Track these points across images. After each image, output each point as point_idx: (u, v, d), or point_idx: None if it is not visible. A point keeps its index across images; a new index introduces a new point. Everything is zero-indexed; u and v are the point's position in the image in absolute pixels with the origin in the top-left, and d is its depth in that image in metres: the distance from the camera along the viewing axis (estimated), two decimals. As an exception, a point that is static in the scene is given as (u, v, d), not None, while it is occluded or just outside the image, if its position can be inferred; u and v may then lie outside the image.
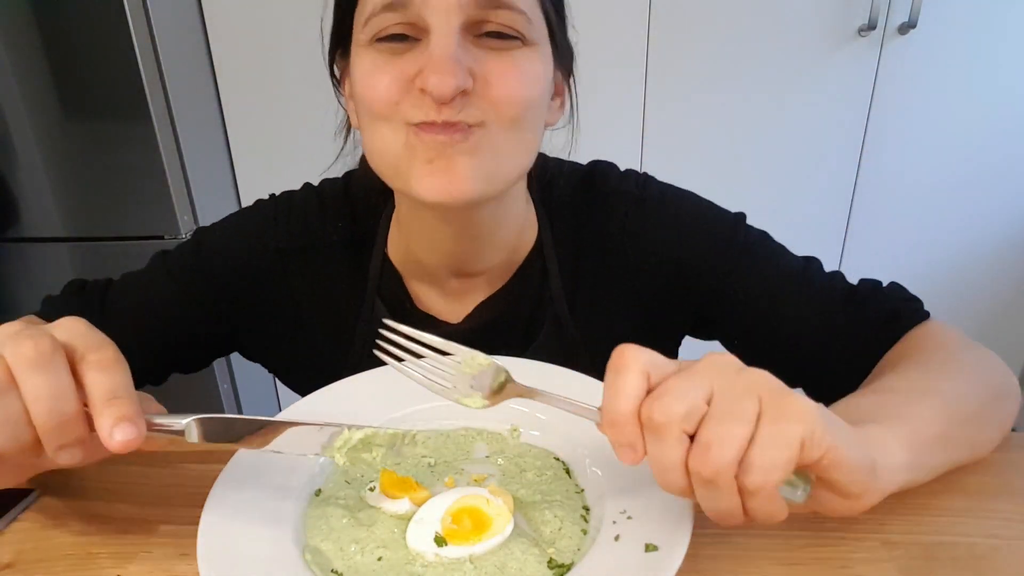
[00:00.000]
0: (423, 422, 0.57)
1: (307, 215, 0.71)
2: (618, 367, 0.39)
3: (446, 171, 0.54)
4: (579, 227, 0.70)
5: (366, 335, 0.71)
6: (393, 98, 0.54)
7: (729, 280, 0.66)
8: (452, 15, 0.53)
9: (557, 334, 0.70)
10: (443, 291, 0.70)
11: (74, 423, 0.40)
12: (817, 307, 0.65)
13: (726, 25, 1.56)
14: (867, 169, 1.67)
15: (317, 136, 0.68)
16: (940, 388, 0.50)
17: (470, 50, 0.54)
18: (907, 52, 1.55)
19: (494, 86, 0.54)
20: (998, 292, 1.78)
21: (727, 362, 0.39)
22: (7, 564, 0.48)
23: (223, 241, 0.71)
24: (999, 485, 0.51)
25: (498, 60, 0.55)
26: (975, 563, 0.44)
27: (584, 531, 0.45)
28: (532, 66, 0.57)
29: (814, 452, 0.36)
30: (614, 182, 0.70)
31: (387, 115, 0.55)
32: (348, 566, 0.43)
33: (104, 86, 1.48)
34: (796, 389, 0.68)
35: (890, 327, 0.62)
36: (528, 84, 0.56)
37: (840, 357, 0.63)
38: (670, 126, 1.67)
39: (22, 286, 1.72)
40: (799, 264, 0.67)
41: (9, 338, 0.40)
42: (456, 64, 0.52)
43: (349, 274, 0.71)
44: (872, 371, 0.60)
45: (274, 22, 1.59)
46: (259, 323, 0.72)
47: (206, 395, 1.75)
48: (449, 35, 0.52)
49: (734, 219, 0.69)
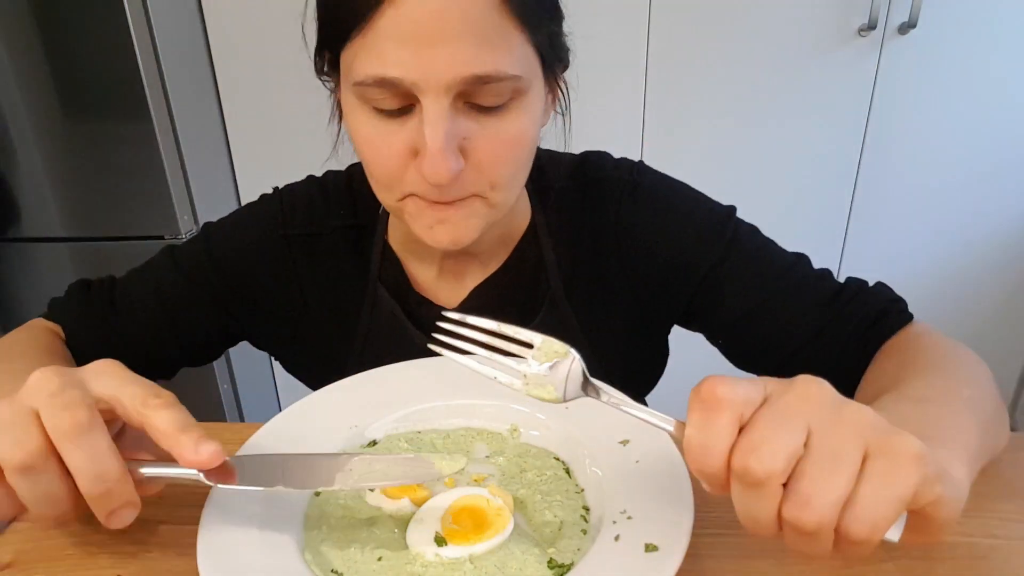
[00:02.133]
0: (423, 421, 0.57)
1: (311, 203, 0.72)
2: (709, 404, 0.34)
3: (447, 232, 0.59)
4: (574, 214, 0.71)
5: (369, 321, 0.72)
6: (394, 175, 0.57)
7: (716, 273, 0.66)
8: (442, 96, 0.52)
9: (554, 319, 0.70)
10: (440, 272, 0.71)
11: (120, 488, 0.41)
12: (803, 304, 0.64)
13: (726, 25, 1.56)
14: (867, 169, 1.67)
15: (317, 136, 0.68)
16: (965, 396, 0.48)
17: (460, 124, 0.54)
18: (907, 52, 1.55)
19: (486, 161, 0.56)
20: (998, 292, 1.78)
21: (824, 395, 0.35)
22: (7, 564, 0.48)
23: (231, 231, 0.73)
24: (999, 485, 0.51)
25: (488, 131, 0.55)
26: (975, 563, 0.44)
27: (584, 531, 0.45)
28: (523, 123, 0.57)
29: (923, 499, 0.33)
30: (609, 169, 0.71)
31: (388, 186, 0.58)
32: (348, 566, 0.43)
33: (104, 86, 1.48)
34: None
35: (876, 328, 0.62)
36: (520, 145, 0.58)
37: (824, 355, 0.63)
38: (670, 126, 1.67)
39: (22, 286, 1.72)
40: (787, 260, 0.67)
41: (46, 403, 0.40)
42: (450, 153, 0.53)
43: (352, 260, 0.72)
44: (867, 371, 0.60)
45: (274, 22, 1.59)
46: (267, 311, 0.73)
47: (206, 395, 1.75)
48: (440, 115, 0.52)
49: (725, 212, 0.69)
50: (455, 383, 0.59)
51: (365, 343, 0.72)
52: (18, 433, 0.39)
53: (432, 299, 0.72)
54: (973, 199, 1.68)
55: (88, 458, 0.39)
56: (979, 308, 1.80)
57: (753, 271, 0.66)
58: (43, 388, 0.40)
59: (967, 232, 1.72)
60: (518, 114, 0.56)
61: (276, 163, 1.77)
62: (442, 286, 0.72)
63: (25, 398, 0.40)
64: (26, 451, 0.39)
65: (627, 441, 0.50)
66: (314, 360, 0.76)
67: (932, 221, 1.71)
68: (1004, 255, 1.74)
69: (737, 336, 0.68)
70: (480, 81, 0.52)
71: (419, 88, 0.52)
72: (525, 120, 0.57)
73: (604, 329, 0.72)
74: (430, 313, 0.71)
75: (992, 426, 0.48)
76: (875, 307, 0.62)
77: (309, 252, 0.71)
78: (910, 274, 1.76)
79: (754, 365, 0.68)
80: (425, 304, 0.71)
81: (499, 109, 0.55)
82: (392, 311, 0.71)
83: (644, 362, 0.79)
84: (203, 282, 0.71)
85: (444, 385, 0.59)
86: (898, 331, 0.61)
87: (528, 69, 0.55)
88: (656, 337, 0.77)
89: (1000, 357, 1.83)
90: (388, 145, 0.55)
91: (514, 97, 0.55)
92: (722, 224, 0.68)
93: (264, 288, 0.72)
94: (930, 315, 0.60)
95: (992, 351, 1.82)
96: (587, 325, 0.71)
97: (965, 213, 1.70)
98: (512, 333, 0.43)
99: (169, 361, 0.74)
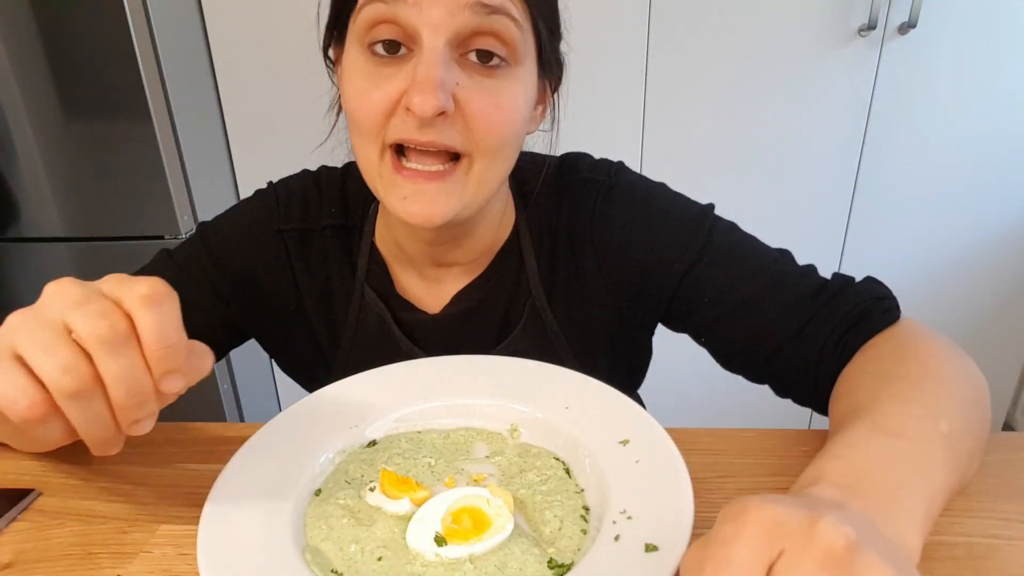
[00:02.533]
0: (423, 421, 0.57)
1: (306, 199, 0.72)
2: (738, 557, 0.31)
3: (421, 203, 0.58)
4: (552, 216, 0.71)
5: (356, 323, 0.72)
6: (379, 119, 0.57)
7: (692, 273, 0.66)
8: (442, 28, 0.53)
9: (535, 323, 0.71)
10: (423, 277, 0.72)
11: (148, 400, 0.40)
12: (783, 302, 0.63)
13: (726, 25, 1.56)
14: (867, 169, 1.67)
15: (317, 136, 0.68)
16: (943, 431, 0.45)
17: (454, 71, 0.55)
18: (907, 52, 1.55)
19: (475, 117, 0.56)
20: (998, 292, 1.78)
21: (841, 556, 0.31)
22: (7, 564, 0.48)
23: (227, 227, 0.73)
24: (999, 485, 0.51)
25: (480, 87, 0.56)
26: (975, 563, 0.44)
27: (584, 531, 0.45)
28: (514, 91, 0.58)
29: None
30: (585, 170, 0.71)
31: (372, 133, 0.58)
32: (348, 566, 0.43)
33: (104, 86, 1.48)
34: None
35: (858, 327, 0.59)
36: (508, 113, 0.58)
37: (805, 355, 0.61)
38: (670, 126, 1.67)
39: (22, 286, 1.72)
40: (768, 257, 0.65)
41: (78, 308, 0.38)
42: (440, 86, 0.53)
43: (340, 260, 0.72)
44: (845, 372, 0.57)
45: (274, 22, 1.59)
46: (265, 305, 0.73)
47: (206, 395, 1.75)
48: (436, 53, 0.54)
49: (700, 211, 0.68)
50: (455, 383, 0.59)
51: (352, 344, 0.72)
52: (63, 355, 0.38)
53: (415, 303, 0.72)
54: (973, 199, 1.68)
55: (126, 369, 0.38)
56: (979, 308, 1.79)
57: (730, 270, 0.65)
58: (68, 298, 0.39)
59: (967, 232, 1.72)
60: (510, 82, 0.58)
61: (276, 163, 1.76)
62: (425, 291, 0.72)
63: (49, 311, 0.39)
64: (79, 378, 0.38)
65: (627, 441, 0.50)
66: (305, 359, 0.76)
67: (932, 221, 1.71)
68: (1004, 255, 1.74)
69: (719, 336, 0.67)
70: (484, 11, 0.54)
71: (421, 13, 0.53)
72: (517, 89, 0.58)
73: (586, 333, 0.72)
74: (414, 318, 0.71)
75: (965, 461, 0.46)
76: (858, 305, 0.60)
77: (302, 247, 0.72)
78: (910, 274, 1.76)
79: (737, 364, 0.67)
80: (408, 308, 0.71)
81: (493, 72, 0.57)
82: (380, 314, 0.71)
83: (627, 364, 0.79)
84: (203, 278, 0.70)
85: (444, 385, 0.59)
86: (881, 331, 0.59)
87: (526, 31, 0.57)
88: (638, 339, 0.77)
89: (1000, 357, 1.83)
90: (379, 88, 0.56)
91: (507, 63, 0.57)
92: (697, 223, 0.67)
93: (261, 282, 0.72)
94: (930, 314, 0.59)
95: (992, 351, 1.83)
96: (568, 330, 0.71)
97: (965, 213, 1.70)
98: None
99: None
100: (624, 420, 0.52)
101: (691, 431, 0.58)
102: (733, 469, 0.54)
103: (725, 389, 1.91)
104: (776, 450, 0.57)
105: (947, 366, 0.52)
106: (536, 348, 0.70)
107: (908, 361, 0.53)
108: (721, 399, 1.79)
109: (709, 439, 0.58)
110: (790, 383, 0.64)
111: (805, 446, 0.57)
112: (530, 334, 0.71)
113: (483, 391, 0.58)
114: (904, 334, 0.57)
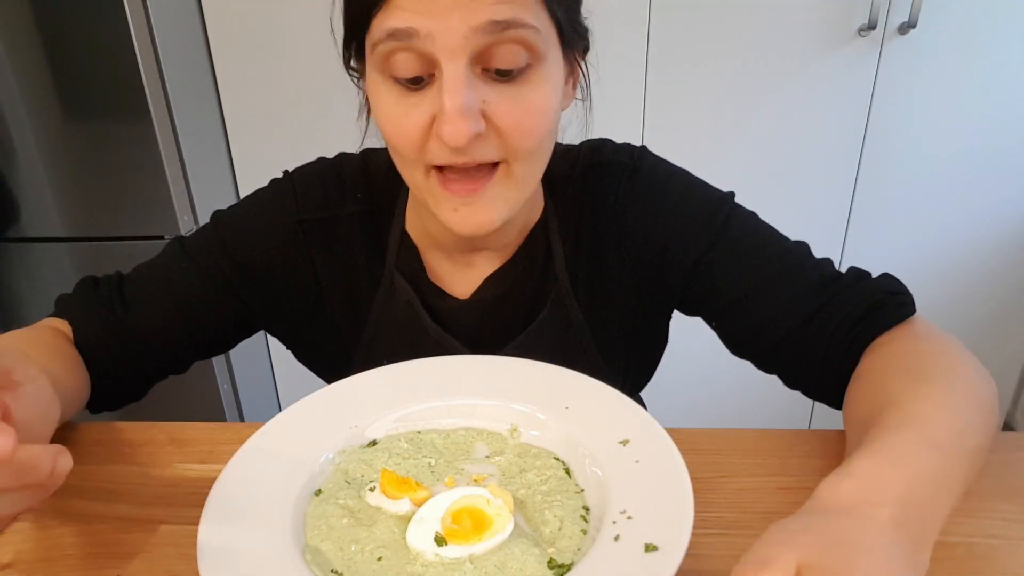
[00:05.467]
0: (423, 421, 0.57)
1: (326, 187, 0.71)
2: None
3: (472, 214, 0.59)
4: (577, 201, 0.71)
5: (382, 309, 0.71)
6: (416, 145, 0.57)
7: (708, 257, 0.66)
8: (459, 52, 0.53)
9: (559, 308, 0.71)
10: (453, 262, 0.71)
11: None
12: (796, 290, 0.63)
13: (726, 25, 1.56)
14: (867, 169, 1.67)
15: (318, 136, 0.68)
16: (970, 447, 0.46)
17: (479, 88, 0.55)
18: (907, 52, 1.55)
19: (507, 128, 0.56)
20: (998, 291, 1.78)
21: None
22: (7, 564, 0.48)
23: (242, 218, 0.72)
24: (999, 485, 0.51)
25: (509, 98, 0.56)
26: (974, 563, 0.44)
27: (584, 531, 0.45)
28: (542, 91, 0.57)
29: None
30: (609, 153, 0.71)
31: (412, 159, 0.58)
32: (348, 566, 0.43)
33: (104, 86, 1.48)
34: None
35: (870, 320, 0.59)
36: (540, 116, 0.57)
37: (815, 345, 0.61)
38: (670, 125, 1.67)
39: (22, 286, 1.72)
40: (784, 246, 0.66)
41: None
42: (467, 112, 0.53)
43: (366, 247, 0.71)
44: (860, 368, 0.57)
45: (274, 22, 1.59)
46: (281, 297, 0.72)
47: (206, 395, 1.74)
48: (457, 79, 0.53)
49: (720, 197, 0.69)
50: (455, 383, 0.59)
51: (376, 332, 0.72)
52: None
53: (446, 289, 0.71)
54: (973, 199, 1.68)
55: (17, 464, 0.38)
56: (979, 307, 1.79)
57: (745, 256, 0.65)
58: None
59: (967, 232, 1.72)
60: (537, 83, 0.56)
61: (276, 163, 1.76)
62: (455, 276, 0.72)
63: None
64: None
65: (627, 441, 0.50)
66: (324, 349, 0.76)
67: (932, 221, 1.71)
68: (1004, 254, 1.74)
69: (729, 321, 0.67)
70: (498, 28, 0.52)
71: (435, 43, 0.52)
72: (545, 89, 0.57)
73: (607, 316, 0.72)
74: (443, 304, 0.71)
75: (975, 474, 0.47)
76: (871, 298, 0.60)
77: (325, 236, 0.70)
78: (910, 274, 1.74)
79: (746, 350, 0.68)
80: (439, 294, 0.71)
81: (518, 77, 0.55)
82: (408, 300, 0.70)
83: (645, 350, 0.79)
84: (214, 270, 0.70)
85: (444, 385, 0.59)
86: (894, 326, 0.58)
87: (544, 28, 0.56)
88: (657, 324, 0.77)
89: (1000, 356, 1.83)
90: (408, 116, 0.56)
91: (531, 64, 0.56)
92: (715, 209, 0.67)
93: (277, 274, 0.71)
94: (930, 314, 0.58)
95: (992, 350, 1.83)
96: (590, 314, 0.71)
97: (965, 213, 1.70)
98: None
99: (181, 354, 0.73)
100: (624, 420, 0.52)
101: (691, 431, 0.57)
102: (733, 469, 0.55)
103: (725, 389, 1.91)
104: (776, 450, 0.57)
105: (973, 373, 0.52)
106: (559, 334, 0.71)
107: (935, 359, 0.53)
108: (721, 400, 1.79)
109: (709, 439, 0.58)
110: (798, 372, 0.64)
111: (805, 446, 0.57)
112: (554, 320, 0.71)
113: (483, 391, 0.58)
114: (922, 331, 0.58)
